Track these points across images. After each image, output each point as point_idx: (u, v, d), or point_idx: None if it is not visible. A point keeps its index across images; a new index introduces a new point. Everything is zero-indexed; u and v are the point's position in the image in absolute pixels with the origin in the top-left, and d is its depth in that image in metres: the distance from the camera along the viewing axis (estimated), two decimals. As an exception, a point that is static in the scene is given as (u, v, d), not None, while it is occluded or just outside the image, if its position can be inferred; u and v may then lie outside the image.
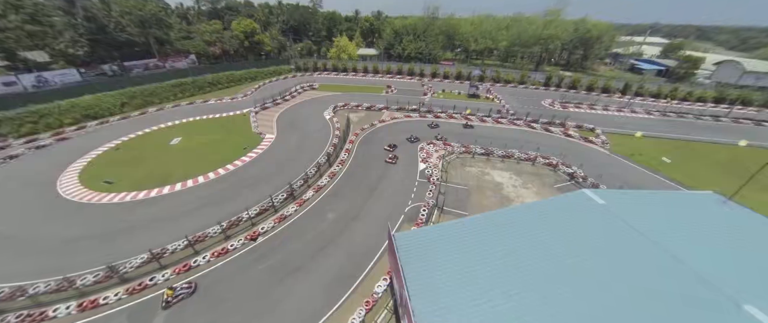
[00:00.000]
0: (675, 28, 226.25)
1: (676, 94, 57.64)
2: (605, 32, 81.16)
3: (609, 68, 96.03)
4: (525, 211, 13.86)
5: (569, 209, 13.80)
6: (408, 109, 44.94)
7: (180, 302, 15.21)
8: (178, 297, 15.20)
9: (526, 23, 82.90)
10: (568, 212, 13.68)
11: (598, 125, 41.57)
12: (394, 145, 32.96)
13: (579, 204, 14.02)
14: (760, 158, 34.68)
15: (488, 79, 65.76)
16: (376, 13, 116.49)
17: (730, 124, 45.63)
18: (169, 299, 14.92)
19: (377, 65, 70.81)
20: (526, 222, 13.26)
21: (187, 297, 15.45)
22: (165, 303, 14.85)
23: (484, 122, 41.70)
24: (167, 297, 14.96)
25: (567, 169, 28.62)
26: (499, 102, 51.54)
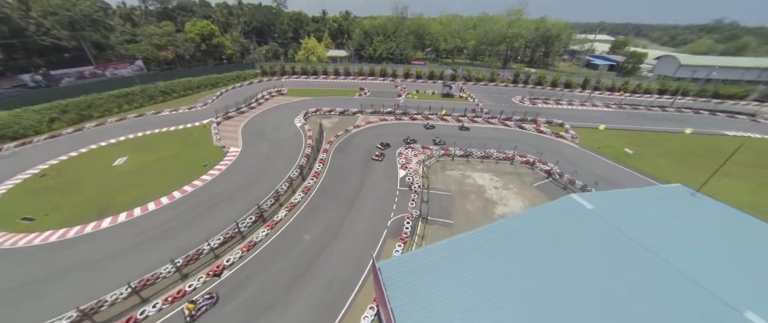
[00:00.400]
0: (617, 26, 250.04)
1: (628, 87, 62.44)
2: (563, 31, 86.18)
3: (568, 64, 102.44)
4: (514, 224, 13.04)
5: (560, 219, 13.21)
6: (383, 112, 43.60)
7: (204, 315, 14.64)
8: (201, 310, 14.66)
9: (492, 22, 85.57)
10: (558, 221, 13.08)
11: (566, 119, 43.32)
12: (387, 144, 32.93)
13: (568, 211, 13.50)
14: (704, 144, 38.16)
15: (460, 78, 66.58)
16: (344, 14, 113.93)
17: (675, 113, 50.07)
18: (192, 313, 14.36)
19: (348, 67, 68.72)
20: (517, 237, 12.41)
21: (210, 307, 14.98)
22: (190, 318, 14.26)
23: (459, 122, 41.57)
24: (189, 311, 14.36)
25: (544, 166, 29.02)
26: (472, 101, 52.08)
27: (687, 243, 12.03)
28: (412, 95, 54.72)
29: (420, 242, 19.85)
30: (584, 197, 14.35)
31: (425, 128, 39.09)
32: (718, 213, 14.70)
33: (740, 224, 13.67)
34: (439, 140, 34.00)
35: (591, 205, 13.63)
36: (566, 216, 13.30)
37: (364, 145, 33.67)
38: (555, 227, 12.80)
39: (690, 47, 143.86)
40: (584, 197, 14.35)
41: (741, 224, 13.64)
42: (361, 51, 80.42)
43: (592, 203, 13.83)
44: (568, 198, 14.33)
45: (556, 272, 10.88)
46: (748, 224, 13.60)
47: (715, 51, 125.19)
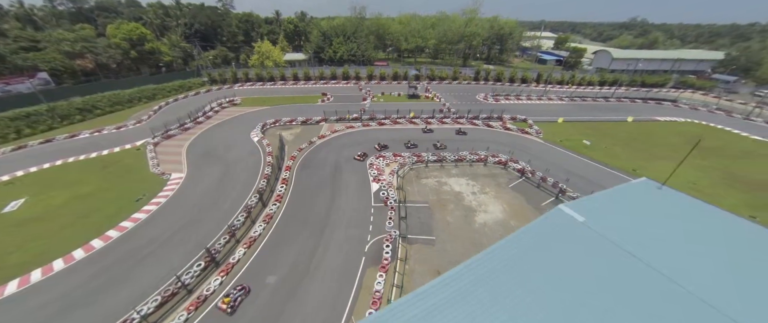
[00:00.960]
0: (556, 24, 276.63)
1: (574, 80, 67.84)
2: (514, 29, 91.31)
3: (520, 60, 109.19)
4: (505, 253, 11.78)
5: (553, 238, 12.26)
6: (349, 118, 41.07)
7: (241, 305, 15.47)
8: (238, 301, 15.52)
9: (450, 22, 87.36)
10: (552, 241, 12.10)
11: (528, 114, 44.99)
12: (384, 145, 32.85)
13: (560, 227, 12.63)
14: (643, 130, 42.12)
15: (424, 77, 66.52)
16: (300, 15, 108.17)
17: (616, 103, 55.20)
18: (231, 304, 15.18)
19: (308, 71, 64.66)
20: (511, 271, 11.10)
21: (244, 297, 15.87)
22: (231, 309, 15.10)
23: (429, 124, 40.75)
24: (225, 304, 15.16)
25: (516, 165, 29.14)
26: (439, 100, 51.90)
27: (682, 251, 11.76)
28: (377, 98, 52.91)
29: (402, 267, 18.01)
30: (572, 207, 13.66)
31: (423, 132, 38.11)
32: (692, 210, 15.05)
33: (717, 221, 14.03)
34: (441, 145, 33.38)
35: (581, 217, 12.92)
36: (560, 235, 12.37)
37: (331, 158, 30.92)
38: (551, 253, 11.77)
39: (616, 42, 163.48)
40: (572, 207, 13.66)
41: (718, 222, 14.00)
42: (321, 53, 76.49)
43: (581, 213, 13.16)
44: (557, 212, 13.51)
45: (565, 307, 9.70)
46: (721, 220, 14.00)
47: (635, 45, 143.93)
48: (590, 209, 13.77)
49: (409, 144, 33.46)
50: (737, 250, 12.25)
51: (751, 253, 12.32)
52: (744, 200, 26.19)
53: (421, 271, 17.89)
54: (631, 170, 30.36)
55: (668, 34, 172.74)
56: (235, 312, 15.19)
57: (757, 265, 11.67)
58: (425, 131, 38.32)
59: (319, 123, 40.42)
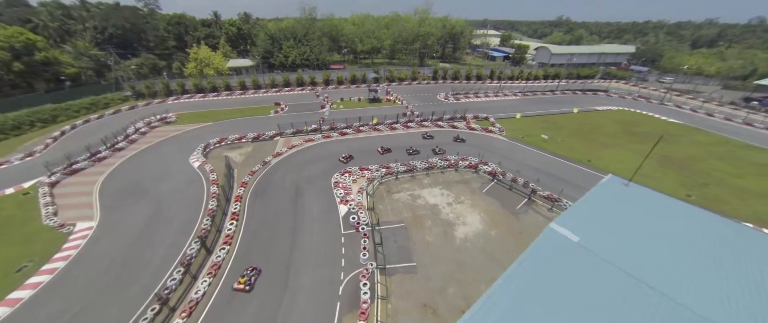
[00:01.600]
0: (497, 22, 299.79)
1: (523, 75, 72.38)
2: (465, 28, 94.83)
3: (472, 58, 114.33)
4: (502, 299, 10.18)
5: (551, 265, 11.00)
6: (307, 130, 37.31)
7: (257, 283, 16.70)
8: (252, 280, 16.64)
9: (403, 21, 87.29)
10: (551, 270, 10.82)
11: (488, 112, 45.98)
12: (387, 149, 32.33)
13: (556, 250, 11.50)
14: (588, 120, 45.76)
15: (383, 79, 64.91)
16: (243, 16, 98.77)
17: (561, 96, 59.82)
18: (248, 282, 16.33)
19: (257, 78, 58.44)
20: (515, 312, 9.48)
21: (257, 276, 17.05)
22: (249, 287, 16.23)
23: (393, 130, 38.95)
24: (241, 284, 16.24)
25: (486, 167, 28.72)
26: (401, 103, 50.55)
27: (672, 261, 11.27)
28: (337, 104, 49.62)
29: (385, 308, 15.65)
30: (562, 223, 12.68)
31: (423, 138, 36.51)
32: (666, 209, 15.24)
33: (694, 219, 14.25)
34: (439, 149, 32.38)
35: (575, 236, 11.92)
36: (557, 262, 11.15)
37: (290, 180, 27.19)
38: (551, 289, 10.43)
39: (549, 39, 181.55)
40: (562, 223, 12.68)
41: (696, 221, 14.21)
42: (270, 59, 70.07)
43: (573, 230, 12.21)
44: (549, 232, 12.36)
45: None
46: (696, 218, 14.27)
47: (565, 41, 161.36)
48: (578, 224, 12.96)
49: (412, 150, 32.22)
50: (723, 254, 12.27)
51: (733, 254, 12.45)
52: (678, 180, 29.19)
53: (406, 308, 15.74)
54: (587, 160, 32.17)
55: (589, 31, 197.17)
56: (253, 288, 16.48)
57: (743, 268, 11.79)
58: (425, 136, 36.79)
59: (274, 138, 35.98)
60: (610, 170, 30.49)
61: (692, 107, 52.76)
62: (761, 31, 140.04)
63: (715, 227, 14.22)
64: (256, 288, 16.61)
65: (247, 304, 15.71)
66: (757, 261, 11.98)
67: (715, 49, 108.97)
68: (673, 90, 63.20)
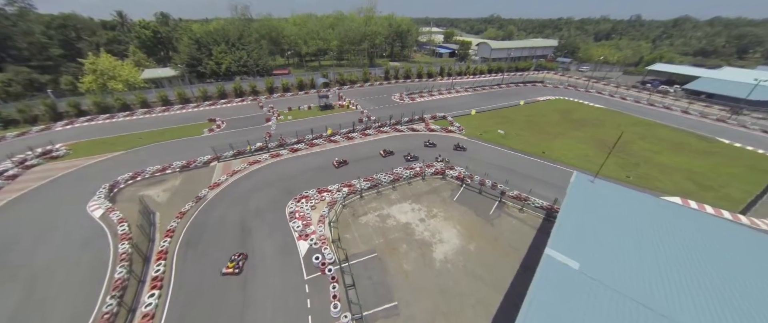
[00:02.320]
0: (438, 20, 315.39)
1: (469, 70, 75.36)
2: (411, 26, 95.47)
3: (420, 55, 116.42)
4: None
5: (561, 305, 9.49)
6: (251, 150, 32.06)
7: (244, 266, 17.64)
8: (240, 265, 17.47)
9: (349, 21, 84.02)
10: (563, 311, 9.29)
11: (445, 110, 45.86)
12: (390, 151, 31.31)
13: (561, 285, 10.17)
14: (534, 111, 48.81)
15: (333, 83, 61.09)
16: (160, 17, 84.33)
17: (507, 89, 63.43)
18: (237, 265, 17.34)
19: (184, 91, 49.55)
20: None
21: (244, 261, 17.89)
22: (238, 270, 17.20)
23: (351, 140, 35.90)
24: (230, 269, 17.11)
25: (452, 172, 27.64)
26: (355, 108, 47.56)
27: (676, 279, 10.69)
28: (284, 115, 44.42)
29: (368, 374, 12.85)
30: (556, 247, 11.51)
31: (425, 146, 33.64)
32: (642, 207, 15.43)
33: (680, 216, 14.59)
34: (442, 158, 29.69)
35: (573, 262, 10.70)
36: (566, 300, 9.69)
37: (232, 217, 22.36)
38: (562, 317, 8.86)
39: (485, 34, 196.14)
40: (556, 247, 11.51)
41: (686, 218, 14.57)
42: (198, 67, 60.42)
43: (569, 254, 11.06)
44: (548, 262, 10.99)
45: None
46: (676, 212, 14.62)
47: (499, 37, 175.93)
48: (571, 244, 11.96)
49: (410, 156, 30.38)
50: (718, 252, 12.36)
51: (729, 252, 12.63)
52: (616, 162, 32.03)
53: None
54: (541, 152, 33.56)
55: (517, 27, 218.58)
56: (241, 271, 17.23)
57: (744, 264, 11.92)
58: (427, 144, 34.10)
59: (210, 164, 29.98)
60: (562, 160, 32.24)
61: (609, 93, 60.55)
62: (639, 26, 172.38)
63: (690, 223, 14.79)
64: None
65: None
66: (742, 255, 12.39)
67: (612, 41, 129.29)
68: (592, 78, 72.19)
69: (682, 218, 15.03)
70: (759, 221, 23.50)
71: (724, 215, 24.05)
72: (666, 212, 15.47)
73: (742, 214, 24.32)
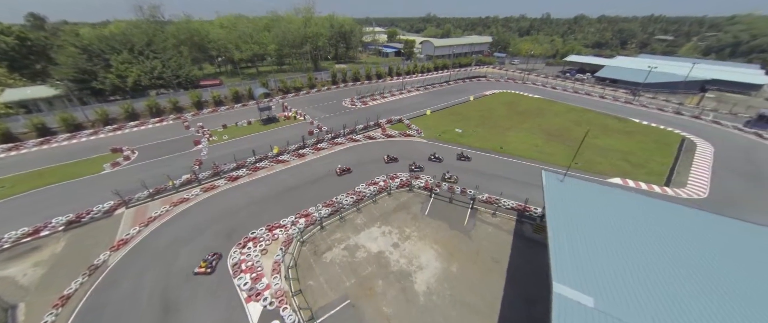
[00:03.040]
0: (379, 19, 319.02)
1: (417, 69, 75.82)
2: (354, 26, 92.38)
3: (366, 55, 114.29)
4: None
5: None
6: (174, 186, 25.51)
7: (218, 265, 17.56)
8: (213, 265, 17.37)
9: (286, 22, 77.18)
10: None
11: (400, 113, 44.22)
12: (394, 158, 29.63)
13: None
14: (483, 106, 50.44)
15: (275, 91, 54.82)
16: (30, 19, 65.43)
17: (455, 85, 65.06)
18: (210, 264, 17.19)
19: (70, 115, 38.28)
20: None
21: (218, 260, 17.81)
22: (211, 270, 17.08)
23: (301, 158, 31.51)
24: (203, 268, 17.01)
25: (418, 182, 25.75)
26: (303, 119, 42.81)
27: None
28: (217, 135, 37.45)
29: None
30: (562, 280, 9.94)
31: (430, 160, 29.84)
32: (621, 201, 15.11)
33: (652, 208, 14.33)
34: (451, 176, 26.49)
35: (587, 298, 9.18)
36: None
37: (148, 288, 16.64)
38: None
39: (426, 33, 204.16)
40: (562, 280, 9.94)
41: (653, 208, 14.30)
42: (93, 82, 47.82)
43: (578, 287, 9.55)
44: (561, 305, 9.27)
45: None
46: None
47: (439, 34, 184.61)
48: (575, 274, 10.56)
49: (415, 166, 28.08)
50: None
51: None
52: (563, 151, 34.19)
53: None
54: (499, 148, 34.05)
55: (453, 25, 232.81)
56: (214, 271, 17.12)
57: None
58: (433, 158, 30.32)
59: (111, 213, 22.73)
60: (519, 153, 33.04)
61: (542, 83, 66.76)
62: (549, 23, 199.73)
63: (667, 217, 14.97)
64: None
65: None
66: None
67: (532, 36, 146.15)
68: (525, 71, 79.17)
69: (656, 212, 15.46)
70: (680, 191, 26.93)
71: (656, 190, 26.97)
72: (640, 208, 15.83)
73: (666, 186, 27.62)
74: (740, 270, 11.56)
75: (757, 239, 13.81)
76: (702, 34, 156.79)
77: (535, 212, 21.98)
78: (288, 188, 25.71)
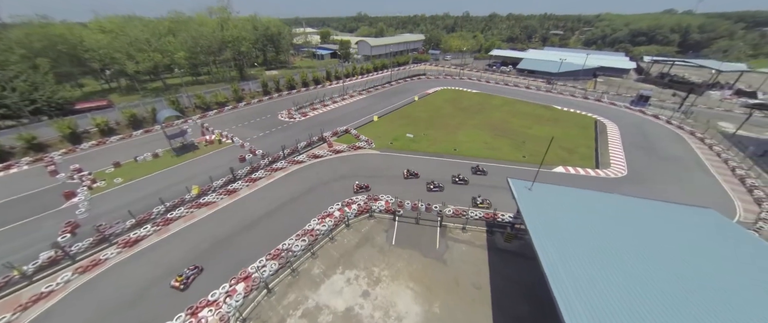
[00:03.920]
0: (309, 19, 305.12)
1: (356, 71, 72.70)
2: (282, 28, 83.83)
3: (299, 58, 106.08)
4: None
5: None
6: (24, 276, 17.14)
7: (194, 282, 16.53)
8: (190, 278, 16.60)
9: (196, 24, 65.06)
10: None
11: (345, 122, 40.57)
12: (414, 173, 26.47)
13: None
14: (430, 105, 49.98)
15: (191, 110, 45.11)
16: None
17: (397, 86, 63.96)
18: (184, 281, 16.28)
19: None
20: None
21: (197, 276, 16.93)
22: (184, 286, 16.17)
23: (232, 195, 25.34)
24: (179, 282, 16.17)
25: (377, 204, 22.78)
26: (232, 142, 35.55)
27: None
28: (106, 179, 27.87)
29: None
30: (574, 317, 7.95)
31: (430, 190, 24.47)
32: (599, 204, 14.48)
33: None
34: (483, 200, 22.84)
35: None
36: None
37: None
38: None
39: (359, 32, 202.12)
40: (574, 317, 7.95)
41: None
42: None
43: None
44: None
45: None
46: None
47: (372, 34, 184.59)
48: (583, 301, 8.85)
49: (435, 186, 24.93)
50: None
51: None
52: (509, 145, 35.50)
53: None
54: (453, 149, 33.40)
55: (385, 24, 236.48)
56: (187, 288, 16.23)
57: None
58: (433, 188, 24.99)
59: None
60: (473, 153, 32.83)
61: (476, 78, 70.81)
62: (469, 20, 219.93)
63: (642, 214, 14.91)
64: None
65: None
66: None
67: (458, 33, 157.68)
68: (458, 66, 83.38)
69: (620, 209, 15.61)
70: (608, 172, 30.05)
71: (591, 174, 29.54)
72: (613, 207, 15.86)
73: (598, 169, 30.59)
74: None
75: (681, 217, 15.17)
76: (581, 29, 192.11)
77: (502, 218, 21.23)
78: (216, 242, 19.85)
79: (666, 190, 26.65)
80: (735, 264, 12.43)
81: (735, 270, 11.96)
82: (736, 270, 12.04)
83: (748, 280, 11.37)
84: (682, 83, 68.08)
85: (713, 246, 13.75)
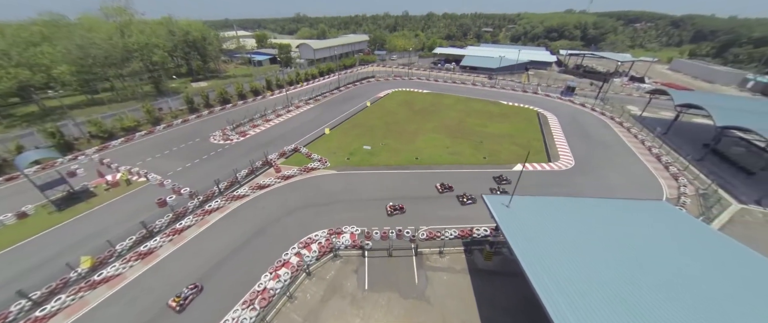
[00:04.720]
0: (242, 22, 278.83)
1: (301, 77, 66.95)
2: (207, 32, 72.58)
3: (234, 65, 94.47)
4: None
5: None
6: None
7: (191, 303, 15.23)
8: (188, 299, 15.36)
9: (84, 30, 51.42)
10: None
11: (293, 139, 35.95)
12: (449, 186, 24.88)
13: None
14: (384, 110, 47.61)
15: (84, 141, 35.04)
16: None
17: (347, 91, 60.40)
18: (181, 302, 15.03)
19: None
20: None
21: (196, 296, 15.72)
22: (180, 308, 14.92)
23: (147, 259, 19.30)
24: (177, 303, 14.97)
25: (343, 239, 19.51)
26: (146, 180, 27.98)
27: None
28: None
29: None
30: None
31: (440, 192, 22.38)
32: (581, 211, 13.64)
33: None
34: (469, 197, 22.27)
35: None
36: None
37: None
38: None
39: (300, 34, 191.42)
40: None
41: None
42: None
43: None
44: None
45: None
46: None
47: (314, 36, 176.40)
48: None
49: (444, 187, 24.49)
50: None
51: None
52: (469, 146, 35.26)
53: None
54: (415, 159, 31.63)
55: (327, 25, 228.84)
56: (183, 310, 15.01)
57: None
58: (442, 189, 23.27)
59: None
60: (434, 161, 31.49)
61: (425, 77, 71.33)
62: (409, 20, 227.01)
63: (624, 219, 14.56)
64: None
65: None
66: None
67: (400, 32, 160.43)
68: (406, 65, 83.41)
69: (602, 215, 15.26)
70: (560, 165, 31.67)
71: (546, 168, 30.71)
72: (584, 212, 15.38)
73: (551, 163, 32.05)
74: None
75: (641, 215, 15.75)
76: (507, 26, 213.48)
77: (478, 234, 19.91)
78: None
79: (609, 176, 28.94)
80: (696, 256, 12.95)
81: (698, 261, 12.58)
82: (697, 259, 12.69)
83: (714, 270, 11.92)
84: (594, 73, 78.98)
85: (678, 238, 14.24)
